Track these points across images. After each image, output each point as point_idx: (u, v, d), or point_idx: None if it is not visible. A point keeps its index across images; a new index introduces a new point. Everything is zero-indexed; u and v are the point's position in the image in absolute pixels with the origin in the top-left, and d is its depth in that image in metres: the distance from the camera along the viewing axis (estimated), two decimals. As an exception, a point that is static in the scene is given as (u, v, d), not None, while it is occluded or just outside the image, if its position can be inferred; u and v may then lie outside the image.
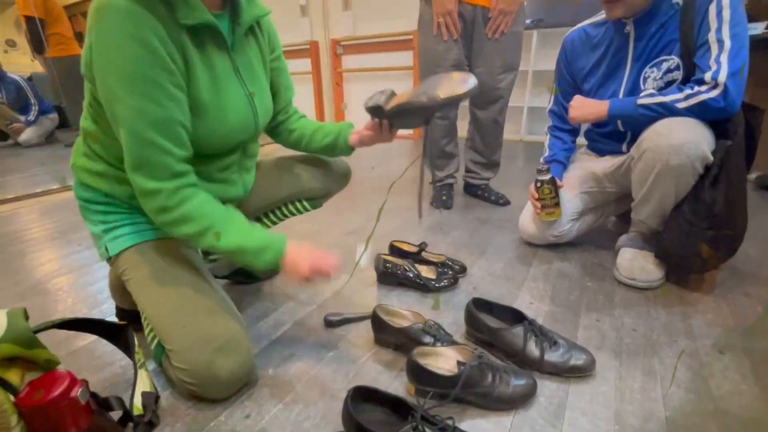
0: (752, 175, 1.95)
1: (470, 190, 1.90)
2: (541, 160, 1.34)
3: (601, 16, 1.13)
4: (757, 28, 2.01)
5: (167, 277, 0.74)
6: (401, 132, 0.94)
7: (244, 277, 1.16)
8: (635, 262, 1.10)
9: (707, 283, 1.08)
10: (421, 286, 1.08)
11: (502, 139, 1.78)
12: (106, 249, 0.78)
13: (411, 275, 1.09)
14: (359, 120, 0.75)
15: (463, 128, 1.84)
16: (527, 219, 1.32)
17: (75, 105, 3.51)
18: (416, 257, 1.17)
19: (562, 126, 1.32)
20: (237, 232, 0.69)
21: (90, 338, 0.90)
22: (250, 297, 1.10)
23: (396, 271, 1.10)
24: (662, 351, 0.83)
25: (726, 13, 0.89)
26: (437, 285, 1.08)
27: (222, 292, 0.79)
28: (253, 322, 0.98)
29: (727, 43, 0.88)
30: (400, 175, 2.22)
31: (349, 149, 0.94)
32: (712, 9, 0.91)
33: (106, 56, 0.59)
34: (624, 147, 1.17)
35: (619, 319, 0.95)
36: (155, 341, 0.74)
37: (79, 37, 6.39)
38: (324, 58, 4.02)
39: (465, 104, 1.68)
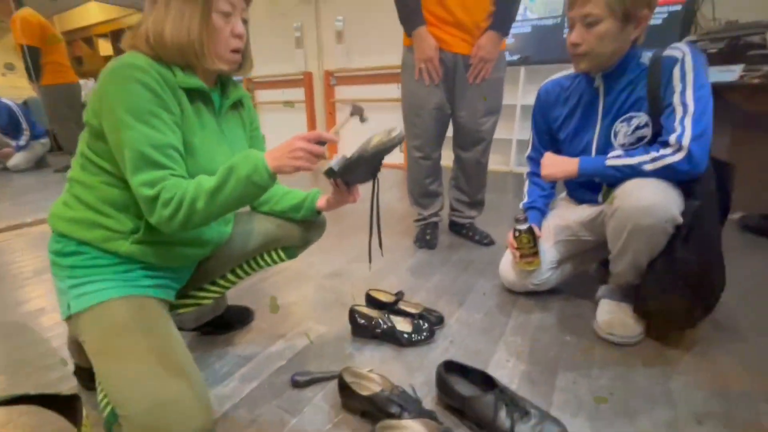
0: (735, 215, 1.96)
1: (455, 228, 1.89)
2: (521, 205, 1.34)
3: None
4: (735, 71, 2.07)
5: (127, 339, 0.73)
6: (388, 161, 0.96)
7: (214, 328, 1.13)
8: (615, 316, 1.08)
9: (688, 339, 1.06)
10: (396, 340, 1.05)
11: (486, 179, 1.79)
12: (69, 306, 0.77)
13: (386, 328, 1.06)
14: (351, 147, 0.77)
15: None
16: (507, 266, 1.30)
17: (66, 130, 3.52)
18: (392, 308, 1.15)
19: (540, 171, 1.33)
20: (212, 179, 0.73)
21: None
22: (219, 349, 1.07)
23: (370, 324, 1.08)
24: (639, 420, 0.81)
25: (689, 77, 0.91)
26: (411, 339, 1.05)
27: (185, 353, 0.76)
28: (218, 381, 0.94)
29: (691, 107, 0.89)
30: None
31: (315, 212, 1.00)
32: (677, 72, 0.93)
33: (119, 96, 0.70)
34: (600, 198, 1.17)
35: (596, 381, 0.92)
36: (108, 408, 0.71)
37: (77, 62, 6.51)
38: (317, 88, 4.09)
39: (451, 145, 1.72)
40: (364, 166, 0.82)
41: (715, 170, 0.96)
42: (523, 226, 1.18)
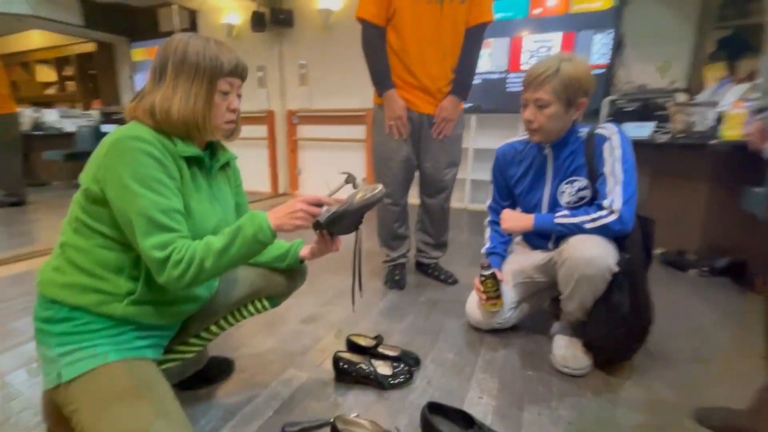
0: (657, 251, 2.27)
1: (421, 268, 2.02)
2: (483, 250, 1.50)
3: (527, 135, 1.36)
4: (648, 127, 2.45)
5: (128, 404, 0.74)
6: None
7: (196, 381, 1.13)
8: (568, 351, 1.23)
9: (627, 367, 1.23)
10: (379, 384, 1.12)
11: (449, 223, 1.95)
12: (59, 375, 0.76)
13: (368, 372, 1.13)
14: (312, 183, 0.86)
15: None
16: (473, 307, 1.43)
17: (5, 161, 3.27)
18: (373, 352, 1.22)
19: (499, 220, 1.50)
20: (220, 239, 0.80)
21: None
22: (203, 404, 1.07)
23: (353, 369, 1.14)
24: (593, 445, 0.94)
25: (617, 152, 1.13)
26: (393, 382, 1.12)
27: (183, 414, 0.78)
28: (206, 438, 0.95)
29: (620, 177, 1.10)
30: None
31: (299, 261, 1.07)
32: (607, 147, 1.15)
33: (128, 166, 0.75)
34: (550, 245, 1.36)
35: (556, 411, 1.05)
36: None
37: (13, 86, 6.06)
38: (280, 126, 4.17)
39: (417, 192, 1.86)
40: (348, 219, 0.92)
41: (640, 225, 1.17)
42: (488, 272, 1.32)
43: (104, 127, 4.71)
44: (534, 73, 1.15)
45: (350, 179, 0.94)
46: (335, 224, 0.92)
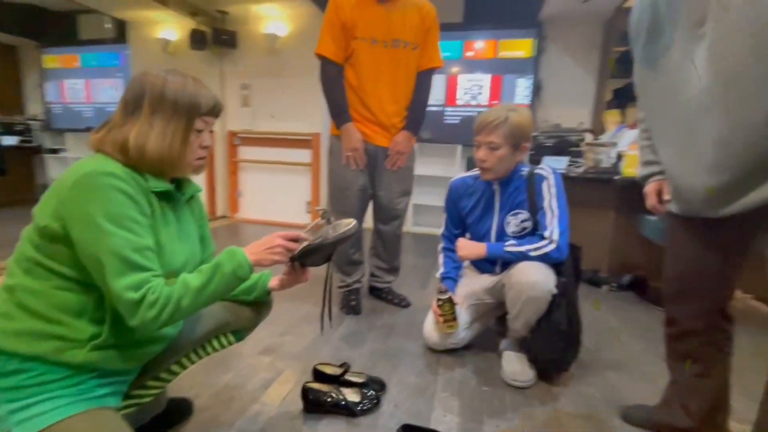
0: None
1: (375, 292, 2.08)
2: (437, 275, 1.61)
3: (477, 171, 1.51)
4: (563, 161, 2.81)
5: None
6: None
7: (155, 426, 1.05)
8: (516, 365, 1.37)
9: (564, 377, 1.40)
10: (349, 411, 1.14)
11: (401, 248, 2.05)
12: None
13: (339, 401, 1.15)
14: (254, 206, 0.88)
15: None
16: (430, 329, 1.53)
17: None
18: (340, 380, 1.24)
19: (451, 247, 1.63)
20: (197, 277, 0.79)
21: None
22: (163, 452, 1.00)
23: (323, 398, 1.15)
24: (545, 450, 1.06)
25: (554, 190, 1.33)
26: (362, 408, 1.16)
27: None
28: (173, 487, 0.89)
29: (556, 211, 1.30)
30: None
31: (267, 293, 1.06)
32: (544, 185, 1.34)
33: (98, 204, 0.71)
34: (497, 269, 1.51)
35: (511, 422, 1.16)
36: None
37: None
38: (219, 147, 4.01)
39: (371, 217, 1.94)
40: (322, 252, 0.96)
41: (570, 252, 1.37)
42: (445, 296, 1.43)
43: (4, 139, 4.12)
44: (486, 120, 1.31)
45: (326, 215, 0.98)
46: (308, 257, 0.95)
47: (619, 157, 2.49)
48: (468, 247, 1.40)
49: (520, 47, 3.55)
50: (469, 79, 3.67)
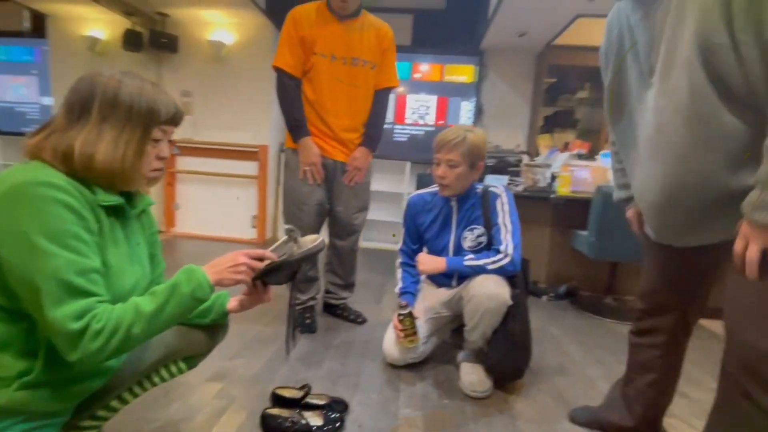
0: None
1: (330, 309, 2.03)
2: (396, 290, 1.62)
3: (436, 188, 1.56)
4: (503, 180, 3.02)
5: None
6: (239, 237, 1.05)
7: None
8: (474, 376, 1.41)
9: (518, 385, 1.47)
10: (312, 437, 1.09)
11: (356, 264, 2.03)
12: None
13: (301, 426, 1.09)
14: (192, 219, 0.83)
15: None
16: (390, 345, 1.52)
17: None
18: (301, 403, 1.19)
19: (409, 262, 1.66)
20: (151, 300, 0.71)
21: None
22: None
23: (284, 425, 1.09)
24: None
25: (506, 207, 1.42)
26: (327, 431, 1.11)
27: None
28: None
29: (510, 227, 1.38)
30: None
31: (224, 315, 0.99)
32: (498, 202, 1.43)
33: (36, 220, 0.62)
34: (454, 282, 1.56)
35: (473, 433, 1.19)
36: None
37: None
38: (153, 155, 3.71)
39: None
40: (286, 270, 0.92)
41: (521, 265, 1.46)
42: (406, 311, 1.44)
43: None
44: (446, 139, 1.37)
45: (291, 235, 0.95)
46: (273, 275, 0.90)
47: (553, 177, 2.73)
48: (429, 262, 1.44)
49: (464, 72, 3.79)
50: (416, 99, 3.82)
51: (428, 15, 3.72)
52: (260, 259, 0.87)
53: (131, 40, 3.36)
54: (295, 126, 1.72)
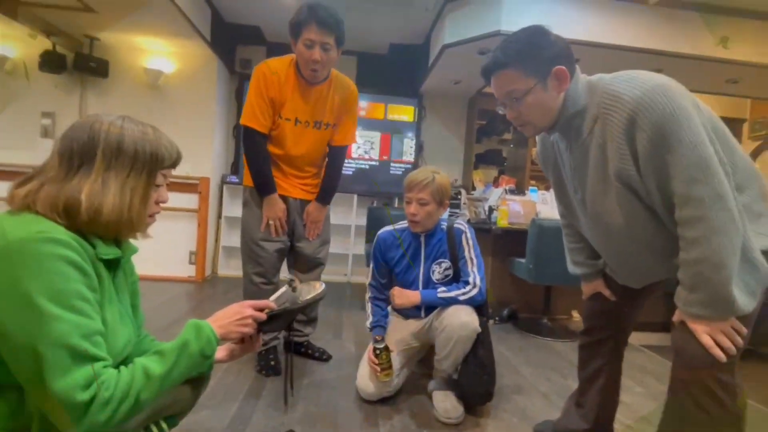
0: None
1: (293, 348, 1.97)
2: (367, 324, 1.66)
3: (404, 224, 1.66)
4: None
5: None
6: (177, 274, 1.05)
7: None
8: (447, 403, 1.49)
9: (487, 408, 1.57)
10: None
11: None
12: None
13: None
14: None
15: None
16: (365, 380, 1.54)
17: None
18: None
19: (379, 296, 1.72)
20: (159, 362, 0.69)
21: None
22: None
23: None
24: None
25: (471, 242, 1.57)
26: (318, 477, 1.09)
27: None
28: None
29: (475, 260, 1.53)
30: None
31: (210, 366, 0.93)
32: (463, 237, 1.58)
33: (39, 280, 0.58)
34: (422, 313, 1.64)
35: (455, 459, 1.25)
36: None
37: None
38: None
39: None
40: (286, 318, 0.94)
41: (483, 294, 1.60)
42: (381, 345, 1.48)
43: None
44: (417, 179, 1.51)
45: (291, 284, 0.96)
46: (269, 323, 0.90)
47: (490, 210, 3.02)
48: (403, 296, 1.51)
49: (405, 112, 4.07)
50: (361, 136, 3.98)
51: (371, 58, 3.97)
52: (262, 309, 0.87)
53: (51, 62, 3.05)
54: (263, 183, 1.69)
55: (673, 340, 0.90)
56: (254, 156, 1.69)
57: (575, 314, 2.98)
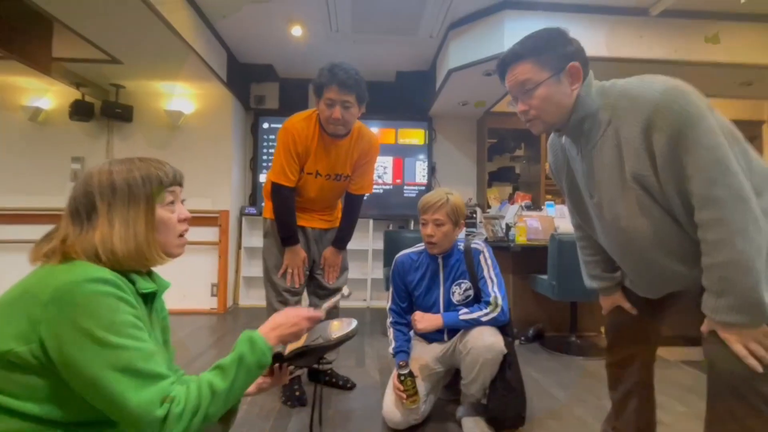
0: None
1: (315, 377, 1.95)
2: (390, 350, 1.64)
3: (421, 246, 1.67)
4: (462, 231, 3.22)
5: None
6: (195, 307, 1.06)
7: None
8: (477, 430, 1.44)
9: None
10: None
11: (341, 326, 2.02)
12: None
13: None
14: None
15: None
16: (391, 408, 1.51)
17: None
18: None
19: (400, 320, 1.70)
20: (221, 376, 0.71)
21: None
22: None
23: None
24: None
25: (489, 261, 1.55)
26: None
27: None
28: None
29: (495, 279, 1.51)
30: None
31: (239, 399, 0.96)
32: (481, 257, 1.57)
33: (97, 315, 0.61)
34: (445, 336, 1.62)
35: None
36: None
37: None
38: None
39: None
40: (317, 354, 0.92)
41: (506, 314, 1.57)
42: (406, 371, 1.46)
43: None
44: (431, 201, 1.52)
45: (346, 296, 0.96)
46: (299, 359, 0.90)
47: (508, 227, 2.99)
48: (426, 320, 1.50)
49: (416, 136, 4.13)
50: (374, 160, 4.05)
51: (380, 86, 4.08)
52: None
53: (80, 110, 3.26)
54: (288, 235, 1.74)
55: (706, 352, 0.86)
56: (283, 209, 1.74)
57: (604, 331, 2.87)
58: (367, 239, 3.86)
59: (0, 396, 0.59)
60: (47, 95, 3.43)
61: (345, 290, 0.97)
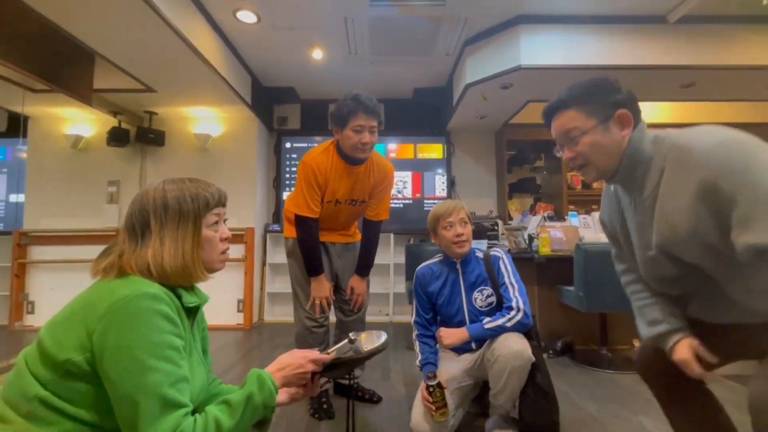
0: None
1: (342, 390, 1.96)
2: (417, 362, 1.64)
3: (439, 257, 1.69)
4: (483, 243, 3.20)
5: None
6: (223, 322, 1.08)
7: None
8: (507, 443, 1.41)
9: (550, 445, 1.48)
10: None
11: (366, 339, 2.03)
12: None
13: None
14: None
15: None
16: (420, 420, 1.50)
17: None
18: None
19: (426, 333, 1.70)
20: (228, 413, 0.72)
21: None
22: None
23: None
24: None
25: (509, 268, 1.56)
26: None
27: None
28: None
29: (516, 285, 1.52)
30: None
31: (272, 410, 0.94)
32: (501, 264, 1.58)
33: (139, 334, 0.65)
34: (473, 345, 1.61)
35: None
36: None
37: None
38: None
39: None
40: (348, 366, 0.94)
41: (532, 321, 1.56)
42: (434, 382, 1.45)
43: None
44: (449, 205, 1.60)
45: (353, 340, 0.98)
46: (332, 370, 0.93)
47: (530, 238, 2.96)
48: (451, 335, 1.50)
49: (434, 150, 4.18)
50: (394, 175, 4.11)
51: (398, 103, 4.18)
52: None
53: (117, 137, 3.46)
54: (314, 266, 1.79)
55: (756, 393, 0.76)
56: (308, 241, 1.79)
57: (637, 343, 2.77)
58: (388, 254, 3.88)
59: (58, 400, 0.63)
60: (87, 123, 3.67)
61: (352, 335, 0.98)
